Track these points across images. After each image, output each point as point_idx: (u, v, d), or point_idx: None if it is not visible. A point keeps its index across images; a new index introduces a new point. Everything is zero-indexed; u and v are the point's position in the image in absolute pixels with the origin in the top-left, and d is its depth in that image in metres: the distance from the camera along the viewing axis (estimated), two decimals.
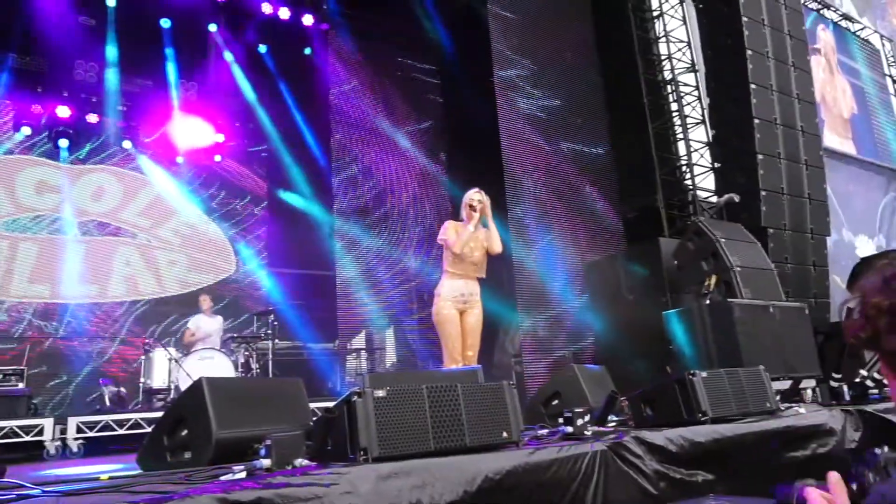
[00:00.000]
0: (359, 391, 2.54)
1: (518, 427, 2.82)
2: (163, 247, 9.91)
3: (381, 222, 10.09)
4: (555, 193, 8.00)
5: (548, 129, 7.87)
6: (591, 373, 4.43)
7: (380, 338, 10.27)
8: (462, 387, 2.74)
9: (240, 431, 3.14)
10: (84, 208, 9.42)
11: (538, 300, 7.69)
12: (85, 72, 8.81)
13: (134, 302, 9.44)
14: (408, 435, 2.54)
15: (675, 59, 8.45)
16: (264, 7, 9.07)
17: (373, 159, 10.07)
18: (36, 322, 8.69)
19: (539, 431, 3.19)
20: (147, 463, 3.36)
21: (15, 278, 8.77)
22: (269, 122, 10.22)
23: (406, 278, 10.08)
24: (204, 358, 7.07)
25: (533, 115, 7.78)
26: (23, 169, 9.16)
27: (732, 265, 5.77)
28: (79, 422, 6.08)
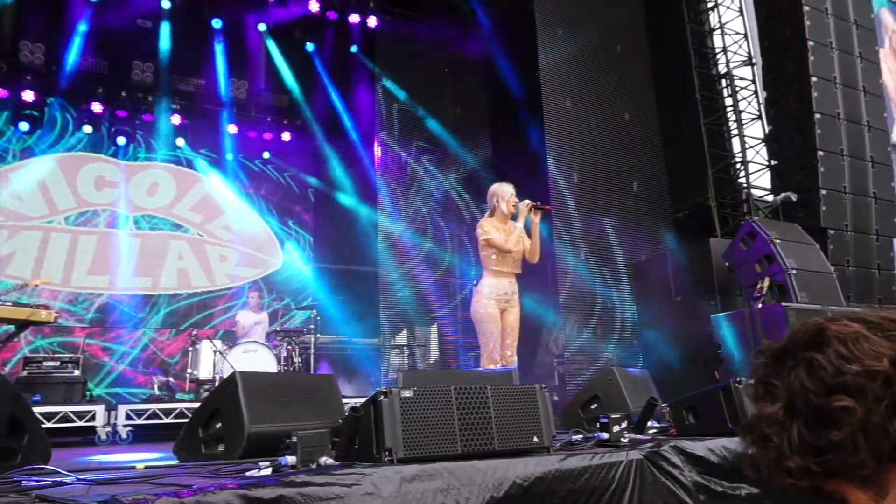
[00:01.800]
0: (385, 391, 2.50)
1: (549, 432, 2.73)
2: (213, 242, 10.17)
3: (423, 219, 10.07)
4: (601, 191, 7.80)
5: (594, 125, 7.67)
6: (632, 377, 4.29)
7: (422, 334, 10.27)
8: (492, 389, 2.67)
9: (272, 426, 3.16)
10: (139, 203, 9.75)
11: (582, 300, 7.52)
12: (141, 72, 9.10)
13: (185, 294, 9.72)
14: (434, 436, 2.49)
15: (730, 52, 8.12)
16: (311, 5, 9.16)
17: (416, 156, 10.06)
18: (92, 311, 9.05)
19: (573, 437, 3.09)
20: (182, 454, 3.41)
21: (76, 269, 9.15)
22: (315, 119, 10.35)
23: (448, 276, 10.04)
24: (248, 351, 7.19)
25: (579, 111, 7.60)
26: (84, 165, 9.55)
27: (787, 267, 5.50)
28: (128, 409, 6.29)
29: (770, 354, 0.91)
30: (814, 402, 0.82)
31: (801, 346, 0.87)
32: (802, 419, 0.83)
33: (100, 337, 8.94)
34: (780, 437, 0.85)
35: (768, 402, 0.88)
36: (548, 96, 7.41)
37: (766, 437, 0.87)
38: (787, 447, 0.84)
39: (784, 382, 0.87)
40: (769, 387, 0.89)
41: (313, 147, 10.87)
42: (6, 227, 8.83)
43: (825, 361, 0.83)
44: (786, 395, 0.86)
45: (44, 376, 6.74)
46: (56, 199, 9.24)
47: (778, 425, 0.86)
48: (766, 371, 0.91)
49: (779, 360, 0.89)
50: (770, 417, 0.87)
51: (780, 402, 0.87)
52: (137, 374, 8.75)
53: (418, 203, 10.00)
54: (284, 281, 10.41)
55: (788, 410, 0.85)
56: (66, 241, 9.18)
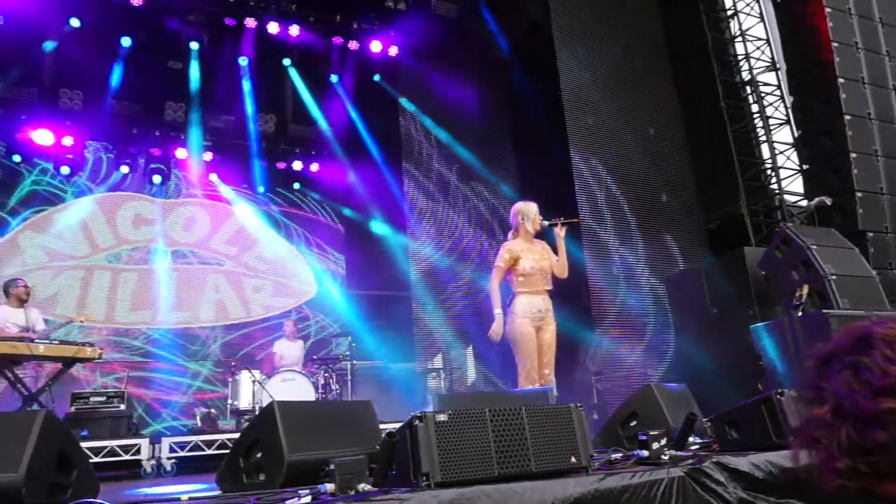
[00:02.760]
0: (420, 415, 2.52)
1: (587, 451, 2.70)
2: (248, 273, 10.37)
3: (454, 241, 10.12)
4: (630, 205, 7.76)
5: (620, 139, 7.66)
6: (671, 392, 4.22)
7: (458, 356, 10.25)
8: (527, 410, 2.66)
9: (310, 454, 3.19)
10: (176, 239, 10.02)
11: (616, 315, 7.44)
12: (174, 111, 9.43)
13: (223, 326, 9.90)
14: (471, 460, 2.48)
15: (753, 59, 8.05)
16: (334, 38, 9.39)
17: (443, 180, 10.15)
18: (135, 346, 9.27)
19: (612, 455, 3.05)
20: (225, 484, 3.47)
21: (118, 306, 9.41)
22: (342, 149, 10.55)
23: (480, 297, 10.03)
24: (286, 380, 7.28)
25: (603, 127, 7.60)
26: (122, 204, 9.87)
27: (826, 273, 5.36)
28: (171, 442, 6.40)
29: (818, 358, 0.92)
30: (861, 404, 0.83)
31: (847, 349, 0.88)
32: (850, 421, 0.84)
33: (142, 371, 9.14)
34: (829, 440, 0.86)
35: (817, 405, 0.89)
36: (571, 114, 7.43)
37: (815, 440, 0.88)
38: (836, 449, 0.85)
39: (832, 386, 0.87)
40: (818, 390, 0.90)
41: (341, 176, 11.06)
42: (51, 267, 9.15)
43: (871, 364, 0.84)
44: (834, 398, 0.87)
45: (91, 412, 6.91)
46: (97, 238, 9.56)
47: (827, 428, 0.87)
48: (814, 375, 0.92)
49: (826, 364, 0.90)
50: (819, 420, 0.88)
51: (828, 405, 0.88)
52: (180, 406, 8.91)
53: (447, 226, 10.06)
54: (319, 309, 10.53)
55: (837, 413, 0.86)
56: (107, 279, 9.46)
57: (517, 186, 9.79)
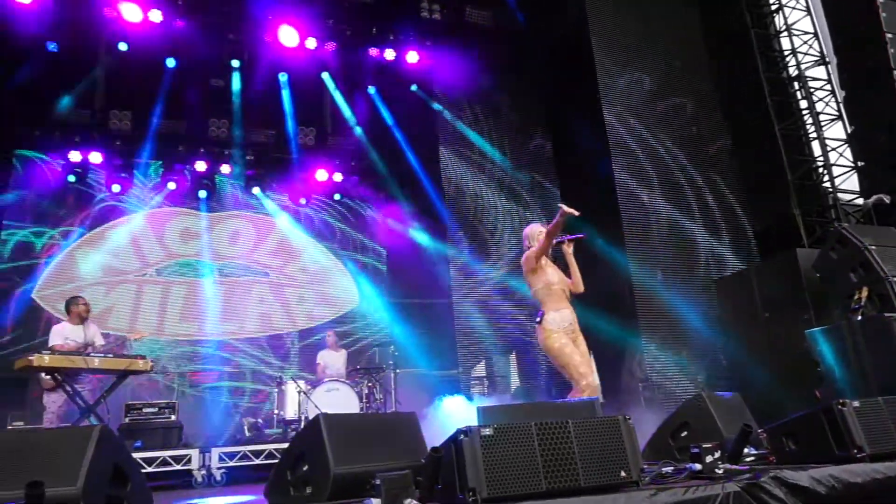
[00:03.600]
0: (465, 429, 2.49)
1: (637, 465, 2.62)
2: (292, 284, 10.53)
3: (494, 248, 10.07)
4: (675, 209, 7.59)
5: (662, 143, 7.50)
6: (723, 401, 4.07)
7: (501, 363, 10.18)
8: (574, 423, 2.60)
9: (356, 467, 3.19)
10: (222, 252, 10.26)
11: (663, 322, 7.27)
12: (217, 128, 9.67)
13: (268, 337, 10.07)
14: (518, 475, 2.44)
15: (800, 53, 7.78)
16: (370, 50, 9.49)
17: (482, 188, 10.12)
18: (185, 357, 9.51)
19: (663, 469, 2.95)
20: (273, 496, 3.50)
21: (168, 318, 9.69)
22: (381, 158, 10.65)
23: (523, 303, 9.95)
24: (330, 390, 7.34)
25: (644, 131, 7.46)
26: (170, 219, 10.17)
27: (888, 275, 5.12)
28: (220, 452, 6.53)
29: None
30: None
31: None
32: None
33: (192, 382, 9.36)
34: None
35: None
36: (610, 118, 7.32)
37: None
38: None
39: None
40: None
41: (381, 185, 11.18)
42: (105, 282, 9.48)
43: None
44: None
45: (143, 423, 7.12)
46: (147, 253, 9.86)
47: None
48: None
49: None
50: None
51: None
52: (228, 416, 9.08)
53: (487, 233, 10.02)
54: (361, 318, 10.61)
55: None
56: (157, 292, 9.75)
57: (558, 192, 9.69)
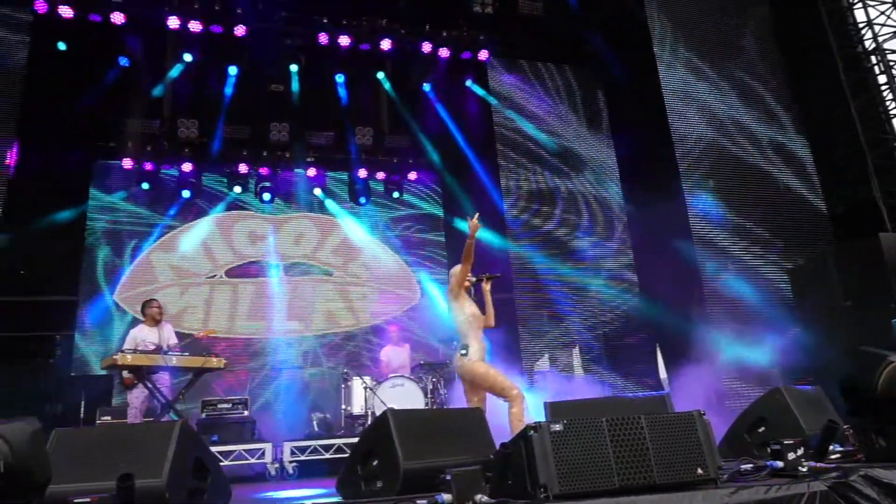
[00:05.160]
0: (534, 426, 2.47)
1: (714, 463, 2.54)
2: (355, 282, 10.72)
3: (554, 240, 9.95)
4: (744, 194, 7.30)
5: (727, 125, 7.21)
6: (803, 395, 3.90)
7: (564, 357, 10.06)
8: (647, 419, 2.54)
9: (425, 462, 3.22)
10: (286, 252, 10.55)
11: (732, 311, 7.01)
12: (278, 132, 9.92)
13: (334, 334, 10.29)
14: (589, 471, 2.41)
15: (877, 25, 7.32)
16: (424, 47, 9.52)
17: (541, 181, 10.01)
18: (255, 355, 9.84)
19: (741, 467, 2.85)
20: (344, 490, 3.58)
21: (238, 317, 10.04)
22: (438, 155, 10.69)
23: (585, 297, 9.80)
24: (395, 385, 7.44)
25: (709, 113, 7.19)
26: (237, 222, 10.52)
27: None
28: (292, 446, 6.73)
29: None
30: None
31: None
32: None
33: (262, 378, 9.67)
34: None
35: None
36: (671, 104, 7.10)
37: None
38: None
39: None
40: None
41: (439, 182, 11.24)
42: (179, 284, 9.91)
43: None
44: None
45: (218, 418, 7.42)
46: (216, 256, 10.25)
47: None
48: None
49: None
50: None
51: None
52: (297, 412, 9.32)
53: (547, 225, 9.91)
54: (423, 314, 10.70)
55: None
56: (227, 292, 10.12)
57: (619, 181, 9.49)
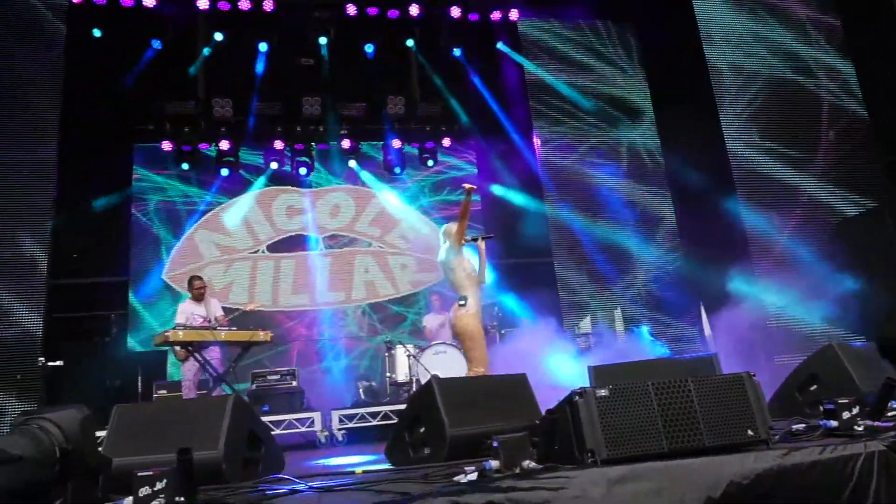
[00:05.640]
0: (580, 391, 2.46)
1: (765, 423, 2.50)
2: (393, 252, 10.80)
3: (592, 203, 9.80)
4: (789, 147, 7.02)
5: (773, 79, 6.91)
6: (857, 352, 3.78)
7: (606, 320, 10.00)
8: (694, 381, 2.51)
9: (471, 429, 3.27)
10: (325, 225, 10.67)
11: (780, 269, 6.82)
12: (311, 106, 9.92)
13: (375, 304, 10.43)
14: (637, 435, 2.40)
15: None
16: (453, 11, 9.34)
17: (577, 140, 9.82)
18: (299, 327, 10.06)
19: (793, 427, 2.80)
20: (393, 456, 3.66)
21: (281, 291, 10.26)
22: (471, 121, 10.57)
23: (623, 257, 9.66)
24: (438, 352, 7.53)
25: (753, 70, 6.89)
26: (276, 198, 10.66)
27: None
28: (340, 414, 6.91)
29: None
30: None
31: None
32: None
33: (309, 349, 9.90)
34: None
35: None
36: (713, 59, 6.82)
37: None
38: None
39: None
40: None
41: (473, 148, 11.14)
42: (223, 261, 10.15)
43: None
44: None
45: (268, 389, 7.65)
46: (258, 231, 10.43)
47: None
48: None
49: None
50: None
51: None
52: (343, 381, 9.55)
53: (584, 187, 9.76)
54: None
55: None
56: (270, 267, 10.32)
57: (658, 141, 9.24)
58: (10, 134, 6.87)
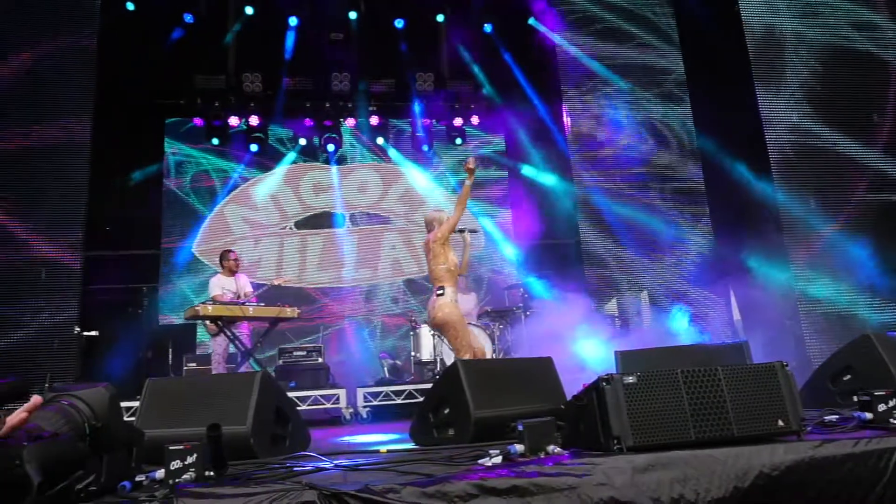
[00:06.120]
0: (607, 377, 2.44)
1: (797, 414, 2.45)
2: (419, 230, 10.79)
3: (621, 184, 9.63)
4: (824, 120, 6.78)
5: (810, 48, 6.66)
6: (894, 343, 3.67)
7: (632, 303, 9.89)
8: (724, 370, 2.46)
9: (496, 411, 3.27)
10: (352, 202, 10.70)
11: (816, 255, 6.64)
12: (339, 82, 9.90)
13: (401, 281, 10.48)
14: (664, 423, 2.37)
15: None
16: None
17: (607, 119, 9.63)
18: (326, 304, 10.16)
19: (826, 418, 2.74)
20: (417, 437, 3.69)
21: (308, 267, 10.35)
22: (501, 98, 10.44)
23: (654, 240, 9.51)
24: None
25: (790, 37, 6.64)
26: (304, 174, 10.72)
27: None
28: (365, 392, 6.98)
29: None
30: None
31: None
32: None
33: (334, 326, 10.01)
34: None
35: None
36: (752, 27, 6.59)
37: None
38: None
39: None
40: None
41: (502, 126, 11.02)
42: (251, 236, 10.27)
43: None
44: None
45: (293, 365, 7.76)
46: (285, 207, 10.51)
47: None
48: None
49: None
50: None
51: None
52: (369, 358, 9.65)
53: (614, 167, 9.59)
54: (488, 261, 10.71)
55: None
56: (297, 243, 10.42)
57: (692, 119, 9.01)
58: (47, 109, 6.98)
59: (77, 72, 7.14)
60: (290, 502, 1.97)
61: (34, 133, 6.87)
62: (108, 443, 1.44)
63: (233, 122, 10.02)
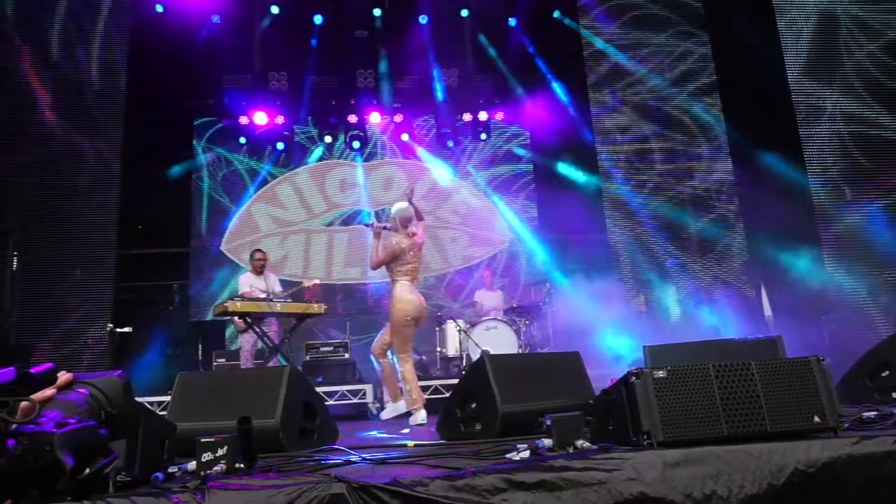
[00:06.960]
0: (636, 371, 2.41)
1: (834, 410, 2.38)
2: (445, 226, 10.80)
3: (649, 177, 9.50)
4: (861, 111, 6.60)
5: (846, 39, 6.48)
6: None
7: (660, 297, 9.76)
8: (757, 365, 2.41)
9: (524, 406, 3.26)
10: (377, 198, 10.74)
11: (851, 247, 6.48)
12: (364, 79, 9.95)
13: (426, 278, 10.48)
14: (695, 419, 2.33)
15: None
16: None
17: (635, 113, 9.50)
18: (352, 299, 10.23)
19: (864, 414, 2.66)
20: (444, 431, 3.68)
21: (334, 264, 10.43)
22: (526, 93, 10.38)
23: (682, 235, 9.36)
24: (489, 328, 7.52)
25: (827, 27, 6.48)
26: (329, 171, 10.79)
27: None
28: None
29: None
30: None
31: None
32: None
33: (360, 322, 10.06)
34: None
35: None
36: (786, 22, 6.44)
37: None
38: None
39: None
40: None
41: (528, 121, 10.95)
42: (278, 233, 10.38)
43: None
44: None
45: (321, 360, 7.83)
46: (312, 205, 10.60)
47: None
48: None
49: None
50: None
51: None
52: None
53: (642, 162, 9.46)
54: (515, 257, 10.68)
55: None
56: (324, 240, 10.50)
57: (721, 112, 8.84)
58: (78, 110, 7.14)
59: (109, 74, 7.29)
60: (319, 495, 1.98)
61: (69, 135, 7.04)
62: (122, 428, 1.52)
63: (259, 121, 10.14)
